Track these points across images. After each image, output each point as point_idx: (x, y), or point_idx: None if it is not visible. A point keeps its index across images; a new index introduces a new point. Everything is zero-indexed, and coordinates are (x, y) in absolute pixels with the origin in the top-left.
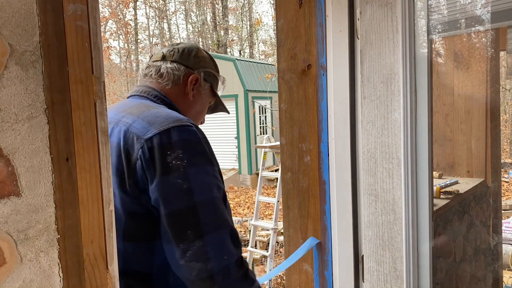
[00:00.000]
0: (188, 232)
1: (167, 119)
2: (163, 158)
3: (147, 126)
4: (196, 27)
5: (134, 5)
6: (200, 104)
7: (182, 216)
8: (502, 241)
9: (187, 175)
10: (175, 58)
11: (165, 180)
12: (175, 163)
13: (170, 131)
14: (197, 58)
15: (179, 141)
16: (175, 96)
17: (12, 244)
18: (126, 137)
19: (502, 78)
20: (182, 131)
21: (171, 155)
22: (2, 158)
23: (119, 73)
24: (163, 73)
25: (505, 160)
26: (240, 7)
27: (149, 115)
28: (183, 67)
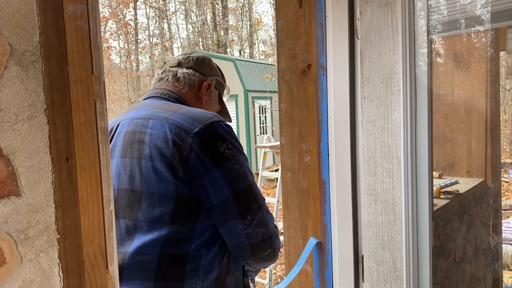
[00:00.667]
0: (252, 205)
1: (203, 114)
2: (217, 149)
3: (191, 121)
4: (196, 27)
5: (134, 5)
6: (210, 109)
7: (246, 194)
8: (502, 241)
9: (239, 161)
10: (190, 65)
11: (226, 167)
12: (229, 152)
13: (214, 125)
14: (209, 66)
15: (224, 133)
16: (190, 99)
17: (12, 244)
18: (173, 130)
19: (502, 78)
20: (222, 125)
21: (222, 146)
22: (2, 158)
23: (119, 73)
24: (180, 77)
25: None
26: (240, 7)
27: (187, 112)
28: (198, 73)
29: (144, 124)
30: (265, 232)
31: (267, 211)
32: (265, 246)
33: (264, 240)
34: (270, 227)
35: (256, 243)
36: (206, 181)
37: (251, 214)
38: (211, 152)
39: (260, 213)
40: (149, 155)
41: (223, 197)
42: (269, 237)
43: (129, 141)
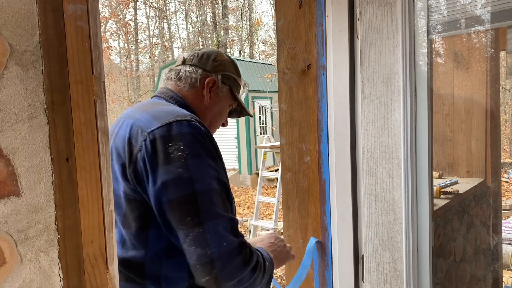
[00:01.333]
0: (188, 218)
1: (171, 113)
2: (165, 149)
3: (151, 120)
4: (196, 27)
5: (134, 5)
6: (218, 107)
7: (182, 203)
8: (502, 241)
9: (188, 166)
10: (194, 62)
11: (167, 169)
12: (177, 154)
13: (172, 124)
14: (215, 62)
15: (180, 134)
16: (192, 98)
17: (12, 244)
18: (131, 130)
19: (502, 78)
20: (183, 125)
21: (172, 146)
22: (2, 158)
23: (119, 73)
24: (182, 76)
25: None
26: (240, 7)
27: (155, 111)
28: (200, 70)
29: (119, 123)
30: (203, 253)
31: (215, 231)
32: (202, 271)
33: (202, 263)
34: (212, 249)
35: (192, 263)
36: (149, 183)
37: (185, 228)
38: (158, 152)
39: (198, 230)
40: (114, 156)
41: (160, 201)
42: (208, 261)
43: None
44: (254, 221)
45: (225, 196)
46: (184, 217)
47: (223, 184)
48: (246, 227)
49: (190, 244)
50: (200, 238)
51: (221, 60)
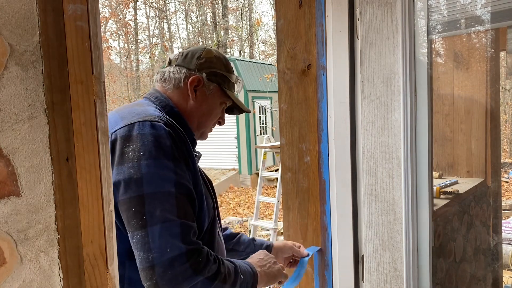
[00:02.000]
0: (133, 221)
1: (137, 114)
2: (121, 149)
3: (118, 120)
4: (196, 27)
5: (134, 5)
6: (206, 105)
7: (129, 204)
8: (502, 241)
9: (140, 167)
10: (178, 62)
11: (119, 169)
12: (131, 154)
13: (134, 125)
14: (200, 59)
15: (140, 134)
16: (177, 99)
17: (12, 244)
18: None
19: (502, 78)
20: (145, 125)
21: (130, 147)
22: (2, 158)
23: (119, 73)
24: (166, 77)
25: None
26: (240, 7)
27: (126, 112)
28: (184, 69)
29: None
30: (144, 258)
31: (163, 235)
32: (143, 276)
33: (143, 267)
34: (154, 254)
35: (137, 267)
36: None
37: (131, 230)
38: (116, 151)
39: (141, 233)
40: None
41: (114, 202)
42: (149, 266)
43: None
44: (254, 221)
45: (185, 200)
46: (130, 219)
47: (184, 187)
48: (246, 227)
49: (134, 247)
50: (143, 242)
51: (207, 57)
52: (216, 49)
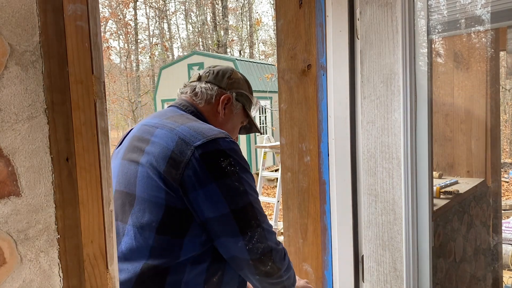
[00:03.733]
0: (252, 222)
1: (212, 129)
2: (217, 164)
3: (195, 134)
4: (196, 27)
5: (134, 5)
6: (231, 123)
7: (246, 211)
8: (502, 241)
9: (241, 179)
10: (209, 79)
11: (224, 183)
12: (230, 169)
13: (219, 140)
14: (230, 79)
15: (229, 149)
16: (207, 114)
17: (12, 244)
18: (176, 141)
19: (502, 78)
20: (228, 141)
21: (224, 161)
22: (2, 158)
23: (119, 73)
24: (198, 92)
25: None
26: (240, 7)
27: (194, 125)
28: (216, 87)
29: (151, 131)
30: (265, 246)
31: (267, 229)
32: (265, 260)
33: (264, 253)
34: (270, 242)
35: (257, 258)
36: (201, 194)
37: (251, 230)
38: (211, 166)
39: (260, 229)
40: (146, 161)
41: (220, 212)
42: (269, 251)
43: (132, 145)
44: None
45: None
46: (249, 222)
47: None
48: None
49: (256, 242)
50: (263, 235)
51: (236, 78)
52: (238, 71)
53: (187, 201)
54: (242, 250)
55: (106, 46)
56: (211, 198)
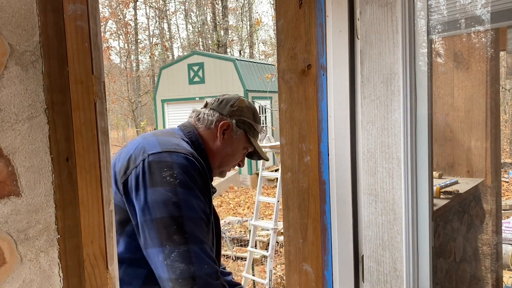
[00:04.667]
0: (175, 236)
1: (174, 144)
2: (159, 172)
3: (156, 144)
4: (196, 27)
5: (134, 5)
6: (231, 148)
7: (170, 222)
8: (502, 241)
9: (178, 192)
10: (213, 106)
11: (156, 190)
12: (169, 179)
13: (173, 153)
14: (233, 107)
15: (178, 163)
16: (206, 138)
17: (12, 244)
18: (137, 149)
19: (502, 78)
20: (182, 157)
21: (167, 172)
22: (2, 158)
23: (119, 73)
24: (201, 117)
25: (505, 160)
26: (240, 7)
27: (164, 139)
28: (217, 114)
29: (132, 142)
30: (186, 269)
31: (197, 253)
32: (182, 285)
33: (184, 277)
34: (195, 268)
35: (175, 278)
36: (135, 197)
37: (172, 244)
38: (152, 173)
39: (183, 248)
40: (114, 166)
41: (146, 217)
42: (190, 276)
43: None
44: (254, 221)
45: (208, 229)
46: (172, 235)
47: (208, 217)
48: (246, 227)
49: (175, 260)
50: (185, 256)
51: (240, 106)
52: (248, 100)
53: (125, 201)
54: (162, 266)
55: (106, 46)
56: (140, 202)
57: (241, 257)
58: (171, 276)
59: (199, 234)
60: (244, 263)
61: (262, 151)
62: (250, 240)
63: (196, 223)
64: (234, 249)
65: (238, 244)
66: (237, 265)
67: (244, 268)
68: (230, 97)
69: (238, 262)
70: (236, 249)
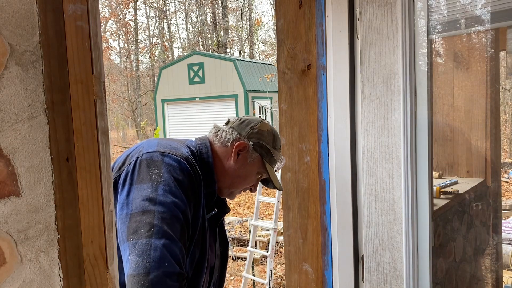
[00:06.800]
0: (142, 230)
1: (172, 147)
2: (147, 170)
3: (154, 145)
4: (196, 27)
5: (134, 5)
6: (243, 170)
7: (140, 216)
8: (502, 241)
9: (157, 188)
10: (234, 125)
11: (140, 186)
12: (154, 177)
13: (166, 154)
14: (253, 129)
15: (166, 163)
16: (219, 154)
17: (12, 244)
18: (137, 147)
19: (502, 78)
20: (173, 159)
21: (155, 170)
22: (2, 158)
23: (119, 73)
24: (219, 134)
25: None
26: (240, 7)
27: (165, 142)
28: (236, 133)
29: (137, 144)
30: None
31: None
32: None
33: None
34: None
35: (130, 273)
36: (119, 193)
37: (136, 237)
38: (141, 171)
39: (145, 241)
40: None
41: (121, 213)
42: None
43: None
44: (254, 221)
45: (186, 232)
46: (139, 229)
47: (187, 220)
48: (246, 227)
49: (134, 253)
50: (144, 250)
51: (261, 130)
52: (272, 126)
53: (114, 196)
54: (126, 263)
55: (106, 46)
56: (123, 197)
57: (241, 257)
58: (128, 272)
59: (169, 230)
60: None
61: (277, 180)
62: (250, 240)
63: (168, 220)
64: (234, 249)
65: (238, 244)
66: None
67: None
68: (253, 118)
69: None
70: (236, 249)
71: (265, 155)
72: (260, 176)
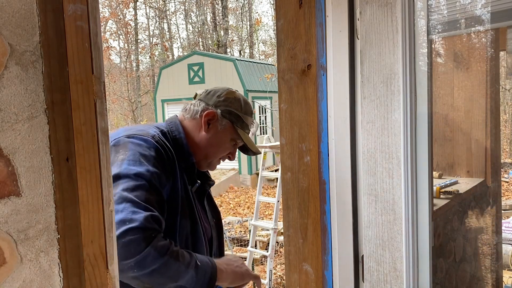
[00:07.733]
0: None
1: (138, 129)
2: (114, 155)
3: (121, 132)
4: (196, 27)
5: (134, 5)
6: (216, 138)
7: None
8: (502, 241)
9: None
10: (200, 97)
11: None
12: (120, 157)
13: (131, 135)
14: (220, 97)
15: (132, 143)
16: (190, 128)
17: (12, 244)
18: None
19: (502, 78)
20: (139, 138)
21: (121, 152)
22: (2, 158)
23: (119, 73)
24: (187, 108)
25: (505, 160)
26: (240, 7)
27: (133, 127)
28: (203, 104)
29: None
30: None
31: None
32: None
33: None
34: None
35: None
36: None
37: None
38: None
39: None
40: None
41: None
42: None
43: None
44: (254, 221)
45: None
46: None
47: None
48: (246, 227)
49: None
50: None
51: (227, 97)
52: (240, 93)
53: None
54: None
55: (106, 46)
56: None
57: (241, 257)
58: None
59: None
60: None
61: (252, 144)
62: (250, 240)
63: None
64: (234, 249)
65: (238, 244)
66: None
67: None
68: (218, 88)
69: None
70: (236, 249)
71: (235, 121)
72: (235, 143)
